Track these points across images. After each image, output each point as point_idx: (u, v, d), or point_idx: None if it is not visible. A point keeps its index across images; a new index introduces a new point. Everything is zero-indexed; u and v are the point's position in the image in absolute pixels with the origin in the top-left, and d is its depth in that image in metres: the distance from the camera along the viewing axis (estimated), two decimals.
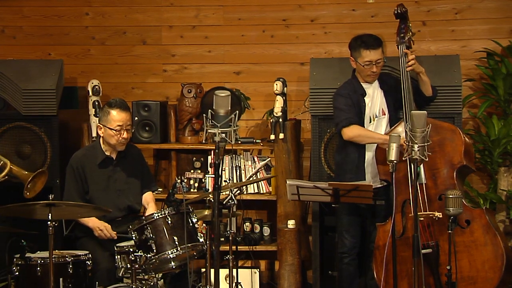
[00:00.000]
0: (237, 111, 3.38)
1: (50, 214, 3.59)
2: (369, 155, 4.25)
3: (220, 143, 3.29)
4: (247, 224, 5.23)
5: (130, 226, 3.88)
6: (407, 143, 3.45)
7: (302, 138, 5.31)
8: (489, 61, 5.06)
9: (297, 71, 5.38)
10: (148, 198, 4.33)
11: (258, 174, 5.11)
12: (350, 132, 4.18)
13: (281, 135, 4.94)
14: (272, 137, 4.97)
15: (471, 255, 3.90)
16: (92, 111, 5.07)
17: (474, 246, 3.90)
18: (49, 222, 3.58)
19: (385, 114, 4.29)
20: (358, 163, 4.26)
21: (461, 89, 4.64)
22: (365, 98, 4.29)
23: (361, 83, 4.31)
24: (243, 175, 5.16)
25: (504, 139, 4.87)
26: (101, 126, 4.21)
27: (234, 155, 5.15)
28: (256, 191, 5.18)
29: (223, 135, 3.28)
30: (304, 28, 5.38)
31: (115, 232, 4.07)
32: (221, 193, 3.71)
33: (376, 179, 4.22)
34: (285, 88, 4.98)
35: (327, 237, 4.77)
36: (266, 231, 5.19)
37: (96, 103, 5.07)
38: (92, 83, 5.12)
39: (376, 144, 4.18)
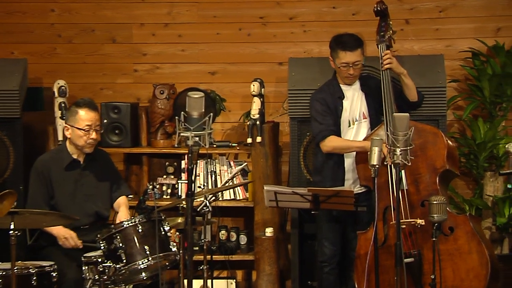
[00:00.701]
0: (212, 113, 3.38)
1: (12, 223, 3.56)
2: (349, 160, 4.29)
3: (194, 147, 3.29)
4: (223, 232, 5.23)
5: (99, 235, 3.87)
6: (388, 147, 3.48)
7: (281, 142, 5.33)
8: (475, 61, 5.13)
9: (275, 71, 5.41)
10: (120, 202, 4.31)
11: (234, 179, 5.11)
12: (327, 146, 4.25)
13: (259, 139, 4.96)
14: (249, 140, 4.99)
15: (455, 264, 3.94)
16: (58, 113, 5.05)
17: (458, 254, 3.95)
18: (11, 232, 3.55)
19: (366, 118, 4.32)
20: (337, 168, 4.29)
21: (445, 91, 4.70)
22: (343, 101, 4.32)
23: (341, 85, 4.35)
24: (218, 181, 5.17)
25: (490, 142, 4.94)
26: (69, 126, 4.19)
27: (209, 160, 5.15)
28: (232, 197, 5.19)
29: (197, 138, 3.29)
30: (282, 26, 5.41)
31: (80, 241, 4.05)
32: (195, 200, 3.71)
33: (357, 184, 4.26)
34: (262, 89, 5.00)
35: (307, 245, 4.79)
36: (243, 239, 5.20)
37: (63, 104, 5.05)
38: (58, 83, 5.09)
39: None
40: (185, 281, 3.69)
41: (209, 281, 4.22)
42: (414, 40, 5.30)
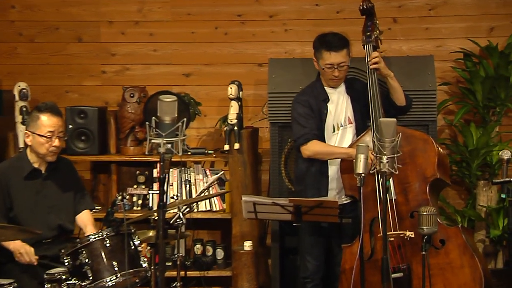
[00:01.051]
0: (186, 118, 3.37)
1: None
2: (333, 168, 4.30)
3: (166, 155, 3.28)
4: (198, 246, 5.23)
5: (63, 250, 3.84)
6: (374, 154, 3.50)
7: (260, 149, 5.35)
8: (467, 62, 5.18)
9: (254, 73, 5.43)
10: (85, 219, 4.27)
11: (210, 189, 5.09)
12: (309, 150, 4.25)
13: (236, 145, 4.96)
14: (226, 147, 4.99)
15: (446, 279, 3.96)
16: (19, 118, 5.01)
17: (449, 269, 3.97)
18: None
19: (351, 123, 4.34)
20: (321, 177, 4.31)
21: (435, 94, 4.74)
22: (328, 104, 4.34)
23: (325, 87, 4.37)
24: (193, 191, 5.17)
25: (483, 149, 4.99)
26: (29, 133, 4.15)
27: (183, 168, 5.14)
28: (208, 208, 5.19)
29: (169, 145, 3.28)
30: (262, 25, 5.44)
31: (36, 257, 4.00)
32: (168, 212, 3.69)
33: (342, 194, 4.28)
34: (240, 92, 5.01)
35: (288, 260, 4.80)
36: (220, 254, 5.20)
37: (24, 109, 5.02)
38: (19, 86, 5.06)
39: None
40: None
41: None
42: (402, 40, 5.35)
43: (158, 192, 3.35)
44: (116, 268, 3.76)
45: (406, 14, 5.35)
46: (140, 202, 5.23)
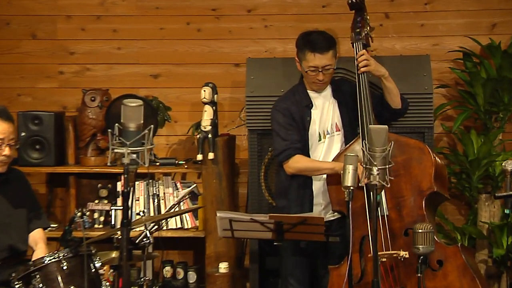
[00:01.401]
0: (153, 125, 3.37)
1: None
2: (318, 182, 4.30)
3: (130, 166, 3.26)
4: (168, 268, 5.21)
5: (14, 274, 3.80)
6: (364, 165, 3.50)
7: (238, 159, 5.35)
8: (466, 63, 5.22)
9: (231, 74, 5.42)
10: (37, 237, 4.23)
11: (181, 204, 5.09)
12: (291, 167, 4.26)
13: (211, 155, 4.95)
14: (199, 157, 4.97)
15: None
16: None
17: None
18: None
19: (339, 130, 4.34)
20: (305, 191, 4.30)
21: (432, 98, 4.76)
22: (312, 110, 4.33)
23: (308, 91, 4.37)
24: (162, 206, 5.15)
25: (484, 159, 5.01)
26: None
27: (150, 181, 5.13)
28: (179, 226, 5.17)
29: (134, 155, 3.26)
30: (239, 20, 5.44)
31: None
32: (133, 230, 3.67)
33: (328, 209, 4.27)
34: (215, 96, 5.00)
35: (269, 284, 4.79)
36: (192, 277, 5.18)
37: None
38: None
39: None
40: None
41: None
42: (395, 38, 5.37)
43: (122, 207, 3.32)
44: None
45: (400, 9, 5.39)
46: (102, 219, 5.20)
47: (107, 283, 3.90)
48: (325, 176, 4.24)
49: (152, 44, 5.46)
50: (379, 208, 3.98)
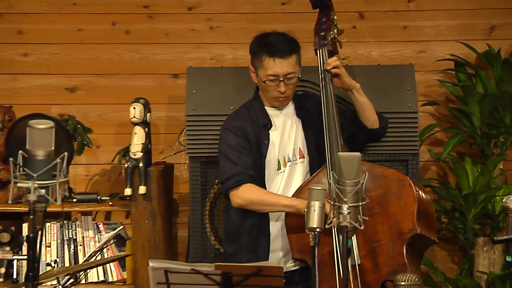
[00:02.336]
0: (68, 152, 3.34)
1: None
2: (275, 222, 4.32)
3: (38, 205, 3.22)
4: None
5: None
6: (331, 202, 3.51)
7: (176, 193, 5.36)
8: (459, 74, 5.29)
9: (168, 87, 5.45)
10: None
11: (105, 251, 5.05)
12: (240, 197, 4.24)
13: (142, 189, 4.94)
14: (128, 191, 4.96)
15: None
16: None
17: None
18: None
19: (303, 157, 4.36)
20: (260, 234, 4.31)
21: (417, 118, 4.82)
22: (270, 131, 4.35)
23: (266, 108, 4.39)
24: (80, 254, 5.11)
25: (482, 194, 5.06)
26: None
27: (65, 222, 5.09)
28: (102, 279, 5.13)
29: (43, 191, 3.23)
30: (178, 20, 5.47)
31: None
32: (43, 284, 3.62)
33: (290, 257, 4.28)
34: (148, 114, 5.00)
35: None
36: None
37: None
38: None
39: None
40: None
41: None
42: (371, 43, 5.46)
43: (27, 257, 3.29)
44: None
45: (377, 7, 5.47)
46: (2, 271, 5.13)
47: None
48: (284, 216, 4.25)
49: (67, 50, 5.46)
50: (350, 256, 4.01)
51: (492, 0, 5.46)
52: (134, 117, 4.97)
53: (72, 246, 5.13)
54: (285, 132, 4.38)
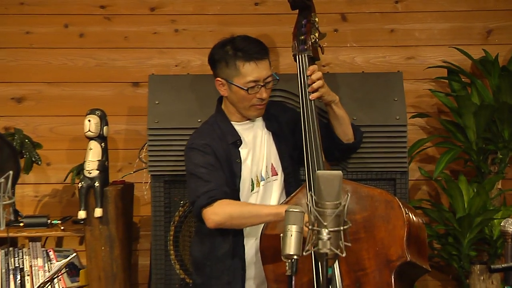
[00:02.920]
0: (13, 171, 3.34)
1: None
2: (251, 246, 4.31)
3: None
4: None
5: None
6: (309, 227, 3.51)
7: (137, 216, 5.36)
8: (453, 83, 5.32)
9: (127, 97, 5.45)
10: None
11: (55, 282, 5.03)
12: (217, 214, 4.18)
13: (98, 211, 4.92)
14: (82, 214, 4.94)
15: None
16: None
17: None
18: None
19: (277, 174, 4.37)
20: (233, 261, 4.30)
21: (406, 131, 4.82)
22: (240, 149, 4.35)
23: (232, 123, 4.38)
24: (27, 285, 5.09)
25: (478, 216, 5.08)
26: None
27: (10, 249, 5.06)
28: None
29: None
30: (139, 22, 5.47)
31: None
32: None
33: (265, 286, 4.26)
34: (104, 128, 4.99)
35: None
36: None
37: None
38: None
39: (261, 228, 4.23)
40: None
41: None
42: (355, 49, 5.47)
43: None
44: None
45: (361, 9, 5.49)
46: None
47: None
48: (258, 238, 4.22)
49: (13, 55, 5.45)
50: (331, 286, 4.01)
51: (489, 1, 5.49)
52: (89, 130, 4.96)
53: (18, 276, 5.12)
54: (256, 148, 4.38)
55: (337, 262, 3.99)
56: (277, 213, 4.07)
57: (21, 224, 5.05)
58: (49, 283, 4.83)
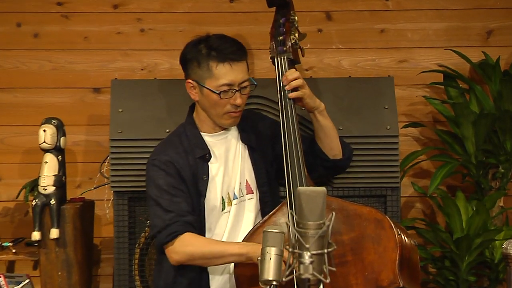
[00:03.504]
0: None
1: None
2: (217, 280, 4.33)
3: None
4: None
5: None
6: (290, 249, 3.52)
7: (98, 237, 5.35)
8: (449, 89, 5.33)
9: (87, 104, 5.45)
10: None
11: None
12: (178, 253, 4.20)
13: (54, 232, 4.90)
14: (36, 235, 4.92)
15: None
16: None
17: None
18: None
19: (252, 192, 4.39)
20: None
21: (397, 143, 4.84)
22: (210, 164, 4.35)
23: (203, 134, 4.38)
24: None
25: (478, 237, 5.07)
26: None
27: None
28: None
29: None
30: (101, 21, 5.47)
31: None
32: None
33: None
34: (62, 139, 4.98)
35: None
36: None
37: None
38: None
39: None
40: None
41: None
42: (341, 51, 5.49)
43: None
44: None
45: (348, 7, 5.50)
46: None
47: None
48: (232, 266, 4.24)
49: None
50: None
51: None
52: (44, 142, 4.95)
53: None
54: (229, 163, 4.39)
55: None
56: (243, 254, 4.10)
57: None
58: None
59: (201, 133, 4.39)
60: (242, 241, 4.24)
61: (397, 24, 5.51)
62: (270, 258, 3.63)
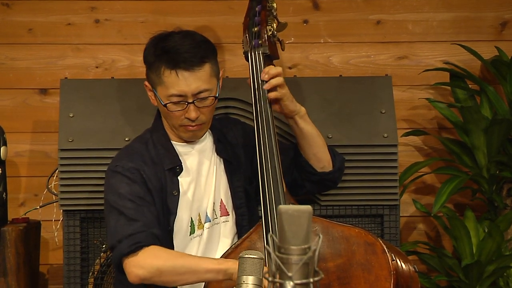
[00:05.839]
0: None
1: None
2: None
3: None
4: None
5: None
6: (269, 278, 3.53)
7: (45, 265, 5.38)
8: (457, 91, 5.36)
9: (33, 108, 5.46)
10: None
11: None
12: (142, 267, 4.13)
13: None
14: None
15: None
16: None
17: None
18: None
19: (227, 214, 4.39)
20: None
21: (396, 153, 4.87)
22: (180, 178, 4.35)
23: (173, 143, 4.38)
24: None
25: (491, 264, 5.11)
26: None
27: None
28: None
29: None
30: (49, 11, 5.47)
31: None
32: None
33: None
34: (2, 148, 4.97)
35: None
36: None
37: None
38: None
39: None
40: None
41: None
42: (331, 45, 5.50)
43: None
44: None
45: None
46: None
47: None
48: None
49: None
50: None
51: None
52: None
53: None
54: (201, 178, 4.38)
55: None
56: (221, 270, 4.06)
57: None
58: None
59: (172, 141, 4.37)
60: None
61: (396, 15, 5.52)
62: (247, 286, 3.65)
